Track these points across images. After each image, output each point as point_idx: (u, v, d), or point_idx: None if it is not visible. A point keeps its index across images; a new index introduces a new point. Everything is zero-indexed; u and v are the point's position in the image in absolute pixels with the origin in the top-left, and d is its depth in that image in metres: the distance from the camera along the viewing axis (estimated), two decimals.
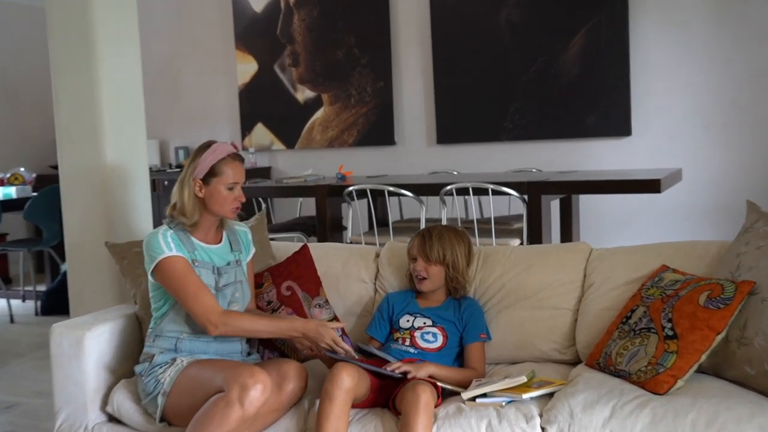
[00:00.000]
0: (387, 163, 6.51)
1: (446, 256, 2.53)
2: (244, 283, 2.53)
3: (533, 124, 5.89)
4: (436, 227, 2.58)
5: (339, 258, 2.89)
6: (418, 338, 2.49)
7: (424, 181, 5.07)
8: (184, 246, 2.41)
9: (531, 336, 2.56)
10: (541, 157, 5.89)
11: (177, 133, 7.45)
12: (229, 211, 2.44)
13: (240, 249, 2.57)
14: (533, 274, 2.62)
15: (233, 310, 2.39)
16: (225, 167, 2.41)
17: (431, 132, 6.38)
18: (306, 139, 6.88)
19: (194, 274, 2.35)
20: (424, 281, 2.54)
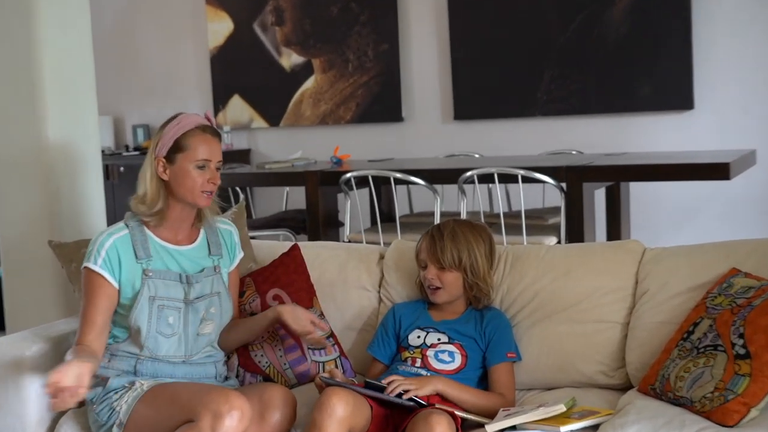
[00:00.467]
0: (393, 144, 6.51)
1: (462, 258, 2.53)
2: (223, 295, 2.53)
3: (572, 96, 5.89)
4: (447, 224, 2.58)
5: (335, 261, 2.89)
6: (432, 358, 2.50)
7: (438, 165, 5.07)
8: (123, 260, 2.41)
9: (571, 355, 2.57)
10: (583, 136, 5.88)
11: (135, 109, 7.46)
12: (200, 197, 2.44)
13: (220, 253, 2.57)
14: (573, 279, 2.63)
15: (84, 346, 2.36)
16: (193, 140, 2.41)
17: (447, 106, 6.38)
18: (293, 115, 6.89)
19: (99, 302, 2.38)
20: (437, 292, 2.55)
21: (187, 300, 2.45)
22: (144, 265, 2.43)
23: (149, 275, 2.42)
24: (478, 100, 6.20)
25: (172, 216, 2.47)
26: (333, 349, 2.70)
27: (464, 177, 4.40)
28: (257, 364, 2.66)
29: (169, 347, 2.45)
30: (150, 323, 2.41)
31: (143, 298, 2.41)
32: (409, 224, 4.97)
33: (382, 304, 2.81)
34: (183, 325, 2.45)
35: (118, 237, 2.44)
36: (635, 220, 5.48)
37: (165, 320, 2.43)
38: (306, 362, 2.66)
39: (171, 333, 2.44)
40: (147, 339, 2.41)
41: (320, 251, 2.94)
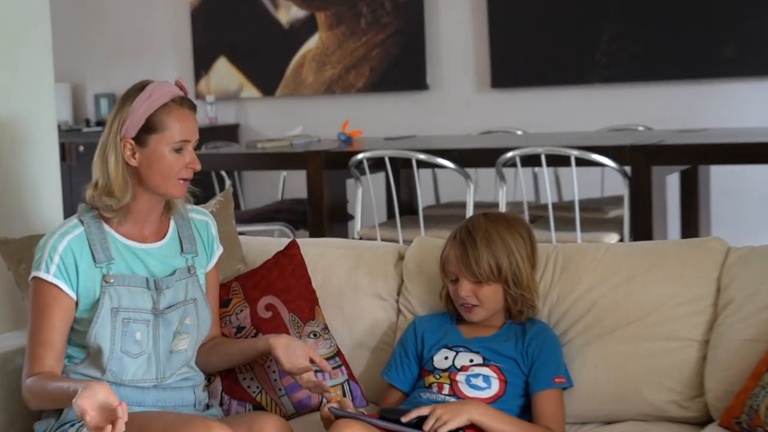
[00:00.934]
0: (416, 117, 6.51)
1: (502, 267, 2.52)
2: (200, 302, 2.53)
3: (638, 58, 5.86)
4: (477, 223, 2.56)
5: (343, 262, 2.89)
6: (463, 384, 2.49)
7: (472, 144, 5.07)
8: (81, 265, 2.41)
9: (636, 381, 2.55)
10: (652, 107, 5.87)
11: (98, 75, 7.49)
12: (175, 186, 2.44)
13: (195, 250, 2.57)
14: (639, 286, 2.61)
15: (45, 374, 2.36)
16: (168, 118, 2.41)
17: (483, 71, 6.37)
18: (292, 82, 6.90)
19: (55, 319, 2.39)
20: (474, 309, 2.55)
21: (157, 310, 2.45)
22: (104, 270, 2.43)
23: (110, 282, 2.42)
24: (520, 64, 6.18)
25: (138, 209, 2.47)
26: (340, 372, 2.70)
27: (504, 159, 4.40)
28: (246, 389, 2.65)
29: (137, 369, 2.45)
30: (113, 341, 2.41)
31: (104, 310, 2.41)
32: (435, 218, 4.97)
33: (401, 317, 2.80)
34: (152, 341, 2.45)
35: (72, 237, 2.43)
36: (717, 213, 5.46)
37: (131, 336, 2.43)
38: None
39: (138, 352, 2.44)
40: (110, 360, 2.42)
41: (325, 250, 2.94)
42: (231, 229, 2.94)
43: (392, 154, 4.58)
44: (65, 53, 7.07)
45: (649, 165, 4.22)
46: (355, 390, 2.70)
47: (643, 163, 4.22)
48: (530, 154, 4.34)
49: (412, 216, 5.02)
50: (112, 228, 2.47)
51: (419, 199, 4.61)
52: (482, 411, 2.37)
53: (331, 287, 2.85)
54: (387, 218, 5.41)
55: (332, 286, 2.85)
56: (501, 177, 4.49)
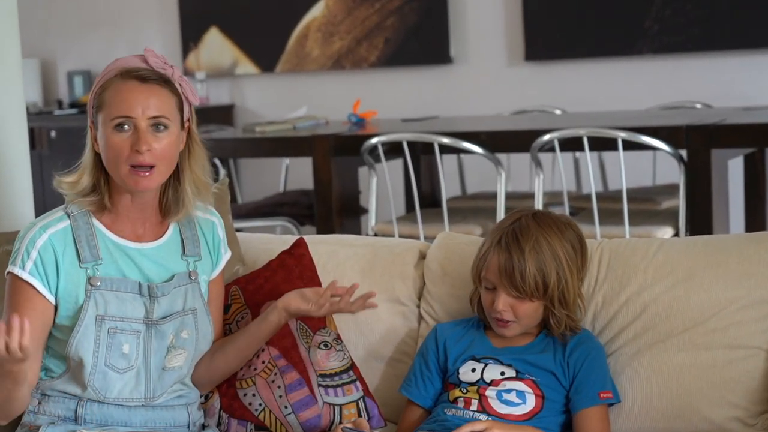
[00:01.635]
0: (438, 96, 6.52)
1: (549, 284, 2.51)
2: (200, 313, 2.53)
3: (695, 25, 5.85)
4: (525, 226, 2.54)
5: (356, 262, 2.91)
6: (494, 400, 2.51)
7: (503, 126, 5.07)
8: (62, 263, 2.41)
9: (693, 396, 2.56)
10: (711, 82, 5.86)
11: (71, 49, 7.51)
12: (127, 176, 2.39)
13: (198, 253, 2.57)
14: (697, 288, 2.62)
15: None
16: (108, 93, 2.41)
17: (515, 41, 6.37)
18: (294, 57, 6.91)
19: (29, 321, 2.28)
20: (509, 326, 2.56)
21: (150, 320, 2.46)
22: (90, 271, 2.44)
23: (96, 285, 2.43)
24: (558, 33, 6.18)
25: (122, 206, 2.48)
26: (354, 387, 2.71)
27: (540, 142, 4.40)
28: (247, 407, 2.66)
29: (123, 386, 2.46)
30: (97, 353, 2.42)
31: (87, 317, 2.41)
32: (461, 210, 4.98)
33: (422, 324, 2.82)
34: (142, 355, 2.46)
35: (54, 231, 2.44)
36: None
37: (118, 349, 2.43)
38: (316, 404, 2.66)
39: (126, 367, 2.45)
40: (92, 376, 2.43)
41: (335, 249, 2.95)
42: (227, 226, 2.95)
43: (411, 137, 4.58)
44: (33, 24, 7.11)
45: (709, 148, 4.22)
46: (371, 408, 2.70)
47: (701, 145, 4.22)
48: (570, 136, 4.34)
49: (434, 209, 5.03)
50: (102, 223, 2.48)
51: (443, 189, 4.62)
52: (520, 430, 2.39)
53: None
54: (405, 212, 5.42)
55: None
56: (537, 163, 4.50)
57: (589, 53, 6.11)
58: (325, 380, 2.69)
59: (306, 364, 2.69)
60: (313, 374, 2.67)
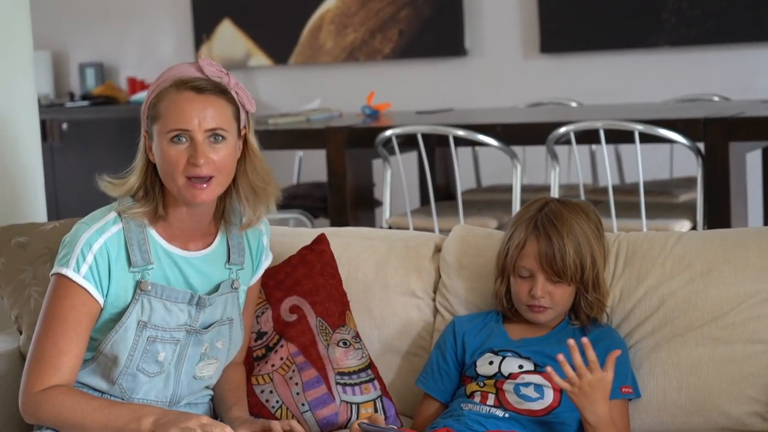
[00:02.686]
0: (453, 88, 6.51)
1: (586, 268, 2.54)
2: (235, 323, 2.52)
3: (713, 17, 5.83)
4: (557, 211, 2.56)
5: (370, 255, 2.91)
6: (511, 393, 2.50)
7: (518, 118, 5.06)
8: (114, 267, 2.39)
9: (712, 390, 2.55)
10: (729, 74, 5.84)
11: (83, 41, 7.52)
12: (185, 188, 2.36)
13: (242, 262, 2.55)
14: (716, 281, 2.61)
15: (62, 386, 2.36)
16: (163, 104, 2.38)
17: (530, 33, 6.36)
18: (308, 48, 6.90)
19: (77, 325, 2.36)
20: (545, 312, 2.56)
21: (192, 328, 2.44)
22: (139, 275, 2.42)
23: (146, 290, 2.40)
24: (574, 25, 6.17)
25: (174, 217, 2.45)
26: (372, 386, 2.71)
27: (556, 135, 4.39)
28: (264, 403, 2.66)
29: (150, 389, 2.44)
30: (132, 357, 2.41)
31: (130, 320, 2.39)
32: (477, 203, 4.97)
33: (438, 317, 2.81)
34: (176, 361, 2.45)
35: (110, 236, 2.41)
36: None
37: (153, 356, 2.42)
38: (333, 402, 2.66)
39: (157, 371, 2.44)
40: (122, 376, 2.42)
41: (349, 242, 2.95)
42: None
43: (426, 130, 4.58)
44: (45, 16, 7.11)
45: (727, 141, 4.21)
46: (389, 408, 2.70)
47: (719, 138, 4.21)
48: (587, 129, 4.34)
49: (449, 202, 5.02)
50: (154, 228, 2.46)
51: (457, 182, 4.61)
52: None
53: (357, 284, 2.85)
54: (420, 204, 5.42)
55: (358, 283, 2.86)
56: (553, 156, 4.49)
57: (605, 45, 6.10)
58: (343, 378, 2.69)
59: (324, 361, 2.69)
60: (331, 372, 2.67)
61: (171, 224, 2.45)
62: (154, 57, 7.25)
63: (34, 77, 3.46)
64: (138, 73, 7.22)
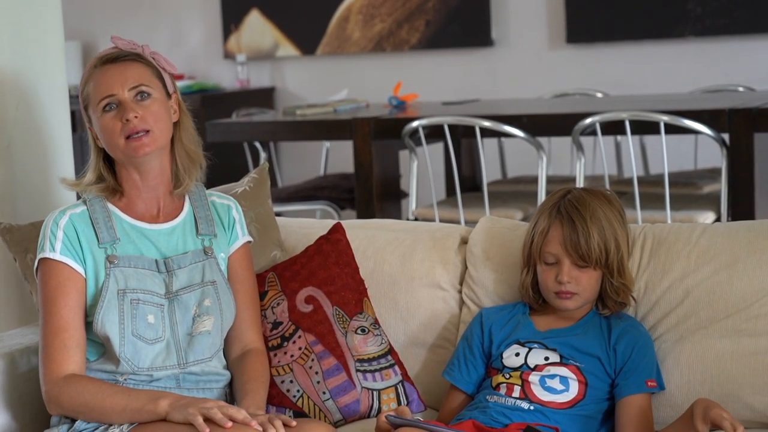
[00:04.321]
0: (479, 79, 6.50)
1: (610, 252, 2.54)
2: (220, 285, 2.56)
3: (739, 7, 5.80)
4: (580, 197, 2.58)
5: (396, 247, 2.90)
6: (536, 386, 2.50)
7: (544, 109, 5.04)
8: (84, 243, 2.48)
9: (736, 383, 2.55)
10: (754, 65, 5.81)
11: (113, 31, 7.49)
12: (127, 146, 2.47)
13: (213, 231, 2.61)
14: (741, 273, 2.60)
15: (81, 375, 2.41)
16: (88, 85, 2.54)
17: (557, 24, 6.34)
18: (335, 39, 6.90)
19: (70, 302, 2.43)
20: (572, 298, 2.56)
21: (170, 293, 2.50)
22: (108, 251, 2.49)
23: (115, 262, 2.47)
24: (600, 15, 6.15)
25: (130, 187, 2.56)
26: (392, 372, 2.72)
27: (581, 126, 4.38)
28: (285, 393, 2.67)
29: (155, 356, 2.47)
30: (123, 325, 2.45)
31: (110, 292, 2.46)
32: (502, 194, 4.96)
33: (464, 309, 2.81)
34: (169, 327, 2.49)
35: (73, 213, 2.51)
36: None
37: (143, 319, 2.46)
38: (355, 390, 2.67)
39: (154, 337, 2.47)
40: (122, 347, 2.44)
41: (375, 234, 2.95)
42: (267, 210, 2.95)
43: (452, 121, 4.57)
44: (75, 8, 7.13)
45: (752, 131, 4.20)
46: (411, 393, 2.71)
47: (744, 129, 4.19)
48: (612, 120, 4.32)
49: (475, 193, 5.02)
50: (117, 208, 2.55)
51: (483, 173, 4.60)
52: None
53: (383, 276, 2.86)
54: (446, 196, 5.41)
55: (384, 275, 2.86)
56: (578, 147, 4.48)
57: (630, 36, 6.08)
58: (363, 365, 2.69)
59: (343, 349, 2.70)
60: (350, 359, 2.68)
61: (130, 198, 2.54)
62: (184, 48, 7.26)
63: (65, 67, 3.46)
64: None
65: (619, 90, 5.86)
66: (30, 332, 2.85)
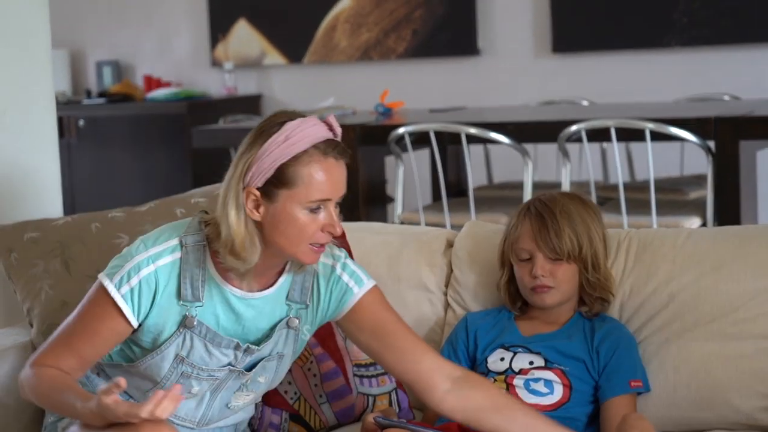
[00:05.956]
0: (465, 87, 6.50)
1: (583, 245, 2.55)
2: (285, 360, 2.39)
3: (724, 17, 5.81)
4: (553, 198, 2.61)
5: (382, 250, 2.91)
6: (521, 389, 2.51)
7: (530, 116, 5.04)
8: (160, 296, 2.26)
9: (722, 385, 2.55)
10: (739, 74, 5.82)
11: (100, 39, 7.52)
12: (306, 254, 2.23)
13: (305, 301, 2.36)
14: (726, 277, 2.61)
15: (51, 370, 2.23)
16: (305, 170, 2.18)
17: (542, 33, 6.34)
18: (322, 48, 6.90)
19: (100, 336, 2.24)
20: (549, 292, 2.56)
21: (234, 369, 2.34)
22: (188, 310, 2.29)
23: (191, 327, 2.28)
24: (586, 25, 6.16)
25: (256, 265, 2.27)
26: (388, 378, 2.72)
27: (567, 133, 4.38)
28: (282, 395, 2.66)
29: (180, 408, 2.34)
30: (163, 384, 2.32)
31: (168, 351, 2.29)
32: (488, 200, 4.96)
33: (449, 312, 2.81)
34: (211, 391, 2.36)
35: (162, 264, 2.27)
36: None
37: (186, 388, 2.31)
38: (351, 394, 2.68)
39: (189, 396, 2.35)
40: (152, 392, 2.30)
41: (362, 236, 2.95)
42: None
43: (438, 127, 4.57)
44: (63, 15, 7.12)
45: (737, 139, 4.20)
46: (402, 400, 2.71)
47: (729, 137, 4.20)
48: (598, 127, 4.32)
49: (461, 198, 5.01)
50: (215, 265, 2.30)
51: (469, 178, 4.60)
52: None
53: None
54: (432, 201, 5.41)
55: None
56: (564, 154, 4.48)
57: (617, 45, 6.09)
58: (360, 370, 2.70)
59: (342, 353, 2.70)
60: (349, 364, 2.68)
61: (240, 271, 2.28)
62: (171, 55, 7.27)
63: (52, 75, 3.46)
64: (154, 71, 7.24)
65: (605, 99, 5.86)
66: (15, 333, 2.84)
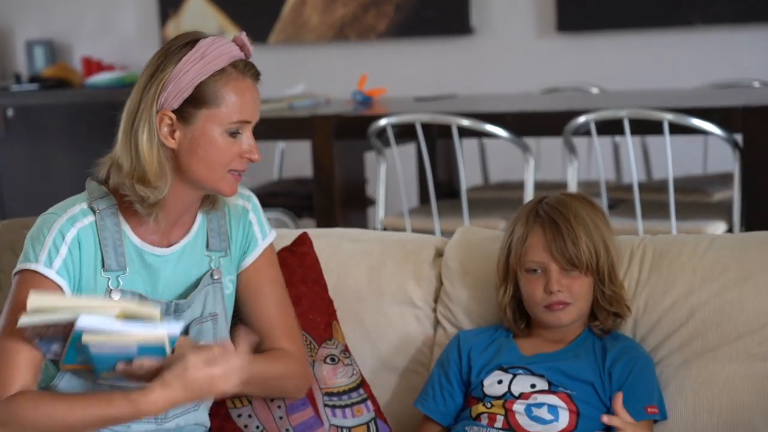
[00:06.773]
0: (457, 71, 6.52)
1: (600, 254, 2.56)
2: (220, 318, 2.49)
3: None
4: (561, 200, 2.61)
5: (363, 259, 2.92)
6: (521, 416, 2.52)
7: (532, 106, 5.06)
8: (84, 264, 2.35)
9: (747, 410, 2.56)
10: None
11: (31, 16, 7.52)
12: (225, 180, 2.39)
13: (225, 248, 2.53)
14: (752, 290, 2.62)
15: (28, 393, 2.29)
16: (225, 88, 2.37)
17: (545, 9, 6.37)
18: (290, 26, 6.91)
19: None
20: (566, 309, 2.57)
21: None
22: (111, 282, 2.40)
23: (119, 289, 2.40)
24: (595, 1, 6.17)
25: (170, 204, 2.41)
26: (364, 407, 2.72)
27: (574, 125, 4.40)
28: (242, 429, 2.65)
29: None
30: None
31: None
32: (484, 202, 4.98)
33: (439, 330, 2.83)
34: None
35: (82, 227, 2.38)
36: None
37: None
38: (322, 427, 2.66)
39: None
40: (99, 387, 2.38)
41: (338, 243, 2.96)
42: None
43: (426, 119, 4.58)
44: None
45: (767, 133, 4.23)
46: (383, 429, 2.71)
47: (759, 129, 4.21)
48: (609, 118, 4.34)
49: (452, 200, 5.03)
50: (129, 225, 2.42)
51: (462, 178, 4.62)
52: None
53: (347, 292, 2.86)
54: (419, 203, 5.43)
55: (348, 291, 2.86)
56: (570, 149, 4.50)
57: (630, 23, 6.10)
58: (332, 399, 2.68)
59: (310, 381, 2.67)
60: (318, 393, 2.67)
61: (153, 219, 2.40)
62: (114, 34, 7.23)
63: None
64: (95, 52, 7.20)
65: (616, 85, 5.89)
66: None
